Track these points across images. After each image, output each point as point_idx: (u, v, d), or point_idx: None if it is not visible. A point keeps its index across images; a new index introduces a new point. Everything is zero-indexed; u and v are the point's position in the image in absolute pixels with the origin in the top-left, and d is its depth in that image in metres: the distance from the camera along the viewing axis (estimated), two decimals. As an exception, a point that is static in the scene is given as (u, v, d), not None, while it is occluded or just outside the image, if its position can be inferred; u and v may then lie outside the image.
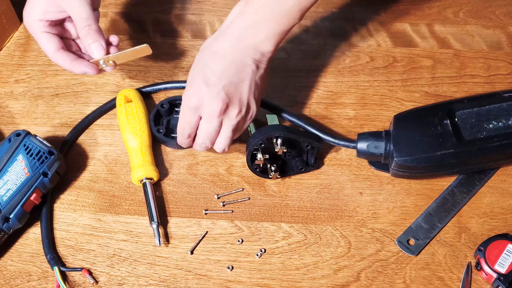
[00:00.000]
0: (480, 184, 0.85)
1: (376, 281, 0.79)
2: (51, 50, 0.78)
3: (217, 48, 0.77)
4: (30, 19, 0.77)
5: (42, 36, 0.78)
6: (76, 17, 0.76)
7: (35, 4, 0.77)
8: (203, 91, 0.76)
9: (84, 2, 0.76)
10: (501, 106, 0.83)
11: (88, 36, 0.77)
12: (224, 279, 0.79)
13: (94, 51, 0.78)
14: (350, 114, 0.92)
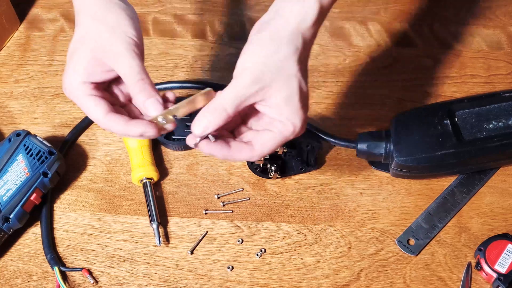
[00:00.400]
0: (480, 184, 0.85)
1: (376, 281, 0.79)
2: (101, 114, 0.65)
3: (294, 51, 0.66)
4: (73, 83, 0.66)
5: (89, 100, 0.66)
6: (127, 72, 0.65)
7: (76, 66, 0.66)
8: (306, 117, 0.68)
9: (134, 55, 0.66)
10: (501, 106, 0.83)
11: (143, 92, 0.65)
12: (224, 279, 0.79)
13: (150, 108, 0.65)
14: (350, 114, 0.92)
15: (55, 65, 0.98)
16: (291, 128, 0.66)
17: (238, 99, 0.64)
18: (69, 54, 0.68)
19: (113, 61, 0.66)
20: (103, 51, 0.66)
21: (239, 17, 1.03)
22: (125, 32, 0.66)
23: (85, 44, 0.67)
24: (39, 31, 1.02)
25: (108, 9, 0.67)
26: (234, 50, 0.99)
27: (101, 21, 0.67)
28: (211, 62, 0.98)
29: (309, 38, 0.66)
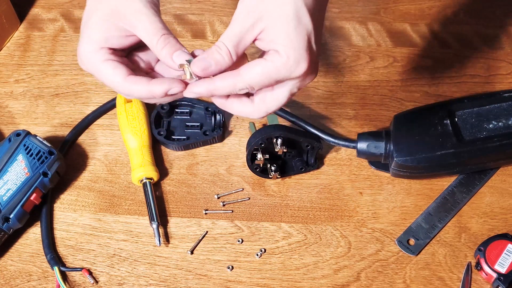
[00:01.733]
0: (480, 184, 0.85)
1: (376, 281, 0.79)
2: (121, 77, 0.60)
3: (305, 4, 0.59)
4: (88, 50, 0.60)
5: (107, 65, 0.60)
6: (149, 29, 0.60)
7: (91, 32, 0.60)
8: (313, 53, 0.60)
9: (154, 12, 0.60)
10: (501, 106, 0.83)
11: (169, 45, 0.59)
12: (224, 279, 0.79)
13: (178, 59, 0.60)
14: (350, 114, 0.92)
15: (55, 65, 0.98)
16: (283, 59, 0.58)
17: (235, 33, 0.59)
18: (83, 23, 0.62)
19: (131, 21, 0.60)
20: (119, 13, 0.60)
21: (239, 17, 1.03)
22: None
23: (99, 9, 0.61)
24: (39, 31, 1.02)
25: None
26: (234, 50, 0.99)
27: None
28: (211, 62, 0.97)
29: None
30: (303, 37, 0.58)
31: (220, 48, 0.59)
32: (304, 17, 0.58)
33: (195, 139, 0.88)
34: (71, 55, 0.99)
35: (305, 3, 0.58)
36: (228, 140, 0.90)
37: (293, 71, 0.59)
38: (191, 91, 0.60)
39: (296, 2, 0.58)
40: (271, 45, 0.59)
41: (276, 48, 0.58)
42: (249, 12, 0.58)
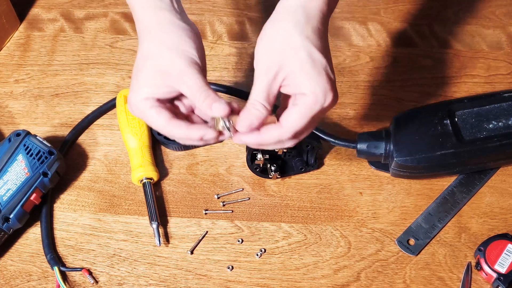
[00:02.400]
0: (480, 184, 0.85)
1: (376, 281, 0.79)
2: (164, 121, 0.67)
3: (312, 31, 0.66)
4: (137, 99, 0.68)
5: (152, 112, 0.68)
6: (192, 88, 0.67)
7: (141, 85, 0.68)
8: (332, 77, 0.66)
9: (196, 72, 0.67)
10: (501, 106, 0.83)
11: (209, 98, 0.66)
12: (224, 279, 0.79)
13: (216, 108, 0.66)
14: (350, 114, 0.92)
15: (55, 65, 0.98)
16: (311, 97, 0.65)
17: (263, 89, 0.66)
18: (134, 72, 0.70)
19: (175, 79, 0.68)
20: (165, 72, 0.68)
21: (239, 17, 1.03)
22: (185, 51, 0.68)
23: (148, 64, 0.69)
24: (39, 31, 1.02)
25: (168, 30, 0.69)
26: (234, 50, 0.99)
27: (162, 42, 0.68)
28: (211, 62, 0.98)
29: (314, 8, 0.66)
30: (321, 72, 0.65)
31: (255, 105, 0.66)
32: (315, 55, 0.65)
33: None
34: (71, 55, 0.99)
35: (313, 44, 0.65)
36: (228, 140, 0.90)
37: (324, 104, 0.65)
38: (240, 139, 0.68)
39: (306, 46, 0.65)
40: (297, 89, 0.66)
41: (302, 91, 0.65)
42: (268, 67, 0.65)
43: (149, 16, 0.70)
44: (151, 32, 0.70)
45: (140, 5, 0.71)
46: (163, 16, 0.70)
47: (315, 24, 0.66)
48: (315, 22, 0.67)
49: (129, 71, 0.97)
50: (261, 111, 0.66)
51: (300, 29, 0.65)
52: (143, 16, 0.71)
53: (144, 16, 0.71)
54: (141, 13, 0.71)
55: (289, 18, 0.66)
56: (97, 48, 1.00)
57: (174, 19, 0.70)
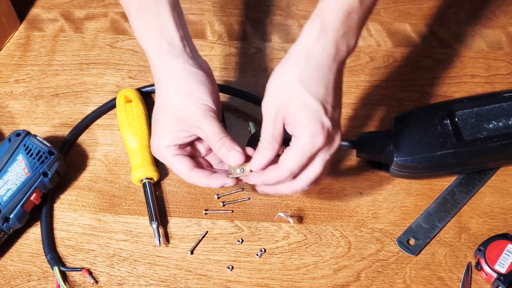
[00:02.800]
0: (480, 184, 0.85)
1: (376, 281, 0.79)
2: (185, 171, 0.74)
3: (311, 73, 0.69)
4: (159, 146, 0.74)
5: (174, 160, 0.74)
6: (208, 134, 0.73)
7: (162, 132, 0.74)
8: (327, 125, 0.68)
9: (212, 119, 0.72)
10: (501, 106, 0.83)
11: (224, 147, 0.72)
12: (224, 279, 0.79)
13: (231, 158, 0.72)
14: (350, 114, 0.92)
15: (55, 65, 0.98)
16: (303, 138, 0.68)
17: (270, 128, 0.71)
18: (154, 120, 0.75)
19: (193, 127, 0.73)
20: (185, 120, 0.73)
21: (239, 17, 1.03)
22: (199, 99, 0.73)
23: (167, 112, 0.74)
24: (39, 31, 1.02)
25: (182, 79, 0.73)
26: (234, 50, 0.99)
27: (176, 91, 0.73)
28: (211, 62, 0.97)
29: (319, 54, 0.68)
30: (312, 116, 0.68)
31: (264, 145, 0.71)
32: (308, 100, 0.68)
33: None
34: (71, 55, 0.99)
35: (307, 90, 0.68)
36: (228, 140, 0.90)
37: (314, 145, 0.68)
38: (249, 179, 0.73)
39: (299, 92, 0.68)
40: (293, 130, 0.69)
41: (296, 134, 0.69)
42: (270, 108, 0.70)
43: (164, 64, 0.74)
44: (166, 82, 0.74)
45: (154, 52, 0.75)
46: (176, 65, 0.74)
47: (314, 71, 0.68)
48: (317, 68, 0.68)
49: (129, 71, 0.97)
50: (271, 151, 0.71)
51: (298, 75, 0.68)
52: (158, 64, 0.75)
53: (159, 64, 0.75)
54: (155, 60, 0.75)
55: (293, 63, 0.69)
56: (97, 48, 1.00)
57: (187, 66, 0.74)
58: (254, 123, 0.89)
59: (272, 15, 1.03)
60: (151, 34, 0.76)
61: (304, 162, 0.70)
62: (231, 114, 0.92)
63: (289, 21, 1.02)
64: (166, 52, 0.74)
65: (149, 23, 0.76)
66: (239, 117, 0.92)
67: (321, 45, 0.68)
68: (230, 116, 0.92)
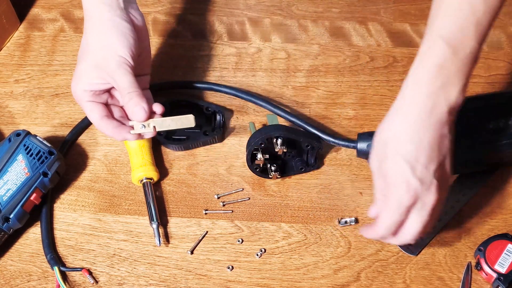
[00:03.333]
0: (480, 184, 0.85)
1: (376, 281, 0.79)
2: (95, 118, 0.78)
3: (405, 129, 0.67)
4: (76, 89, 0.78)
5: (87, 105, 0.78)
6: (120, 86, 0.76)
7: (80, 76, 0.77)
8: (414, 184, 0.67)
9: (126, 72, 0.76)
10: (501, 106, 0.83)
11: (131, 101, 0.76)
12: (224, 279, 0.79)
13: (136, 113, 0.76)
14: (350, 114, 0.92)
15: (55, 65, 0.98)
16: (391, 199, 0.69)
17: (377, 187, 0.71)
18: (78, 60, 0.79)
19: (107, 76, 0.77)
20: (100, 68, 0.77)
21: (239, 17, 1.03)
22: (116, 51, 0.76)
23: (87, 56, 0.78)
24: (39, 31, 1.02)
25: (106, 28, 0.77)
26: (234, 50, 0.99)
27: (99, 40, 0.77)
28: (211, 62, 0.98)
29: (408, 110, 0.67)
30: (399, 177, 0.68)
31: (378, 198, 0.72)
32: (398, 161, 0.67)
33: (195, 139, 0.88)
34: (71, 55, 0.99)
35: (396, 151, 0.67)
36: (228, 140, 0.90)
37: (401, 205, 0.68)
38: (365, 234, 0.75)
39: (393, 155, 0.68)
40: None
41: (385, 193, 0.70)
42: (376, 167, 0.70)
43: (92, 9, 0.78)
44: (92, 27, 0.78)
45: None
46: (101, 14, 0.77)
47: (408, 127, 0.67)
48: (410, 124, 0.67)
49: (129, 71, 0.97)
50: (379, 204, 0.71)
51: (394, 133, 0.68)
52: (87, 6, 0.79)
53: (87, 7, 0.78)
54: (85, 4, 0.79)
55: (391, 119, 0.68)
56: (97, 48, 1.00)
57: (113, 16, 0.77)
58: (254, 123, 0.89)
59: (272, 15, 1.03)
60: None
61: (395, 219, 0.69)
62: (231, 114, 0.92)
63: (289, 21, 1.02)
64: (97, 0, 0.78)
65: None
66: (239, 117, 0.92)
67: (412, 100, 0.67)
68: (230, 116, 0.92)
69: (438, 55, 0.65)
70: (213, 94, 0.94)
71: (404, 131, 0.67)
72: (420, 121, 0.66)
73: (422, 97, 0.66)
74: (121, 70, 0.76)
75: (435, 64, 0.65)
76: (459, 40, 0.65)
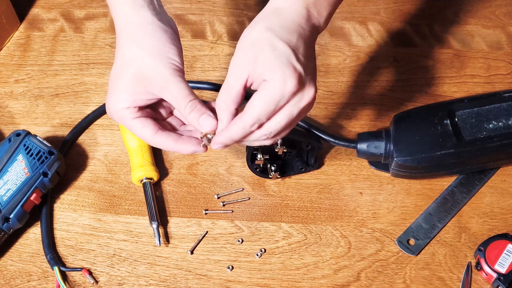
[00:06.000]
0: (480, 184, 0.85)
1: (376, 281, 0.79)
2: (149, 134, 0.68)
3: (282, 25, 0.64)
4: (117, 109, 0.68)
5: (135, 123, 0.68)
6: (177, 96, 0.67)
7: (121, 93, 0.68)
8: (299, 70, 0.63)
9: (181, 79, 0.67)
10: (501, 106, 0.83)
11: (195, 110, 0.66)
12: (224, 279, 0.79)
13: (205, 123, 0.67)
14: (350, 114, 0.92)
15: (55, 65, 0.98)
16: (272, 82, 0.63)
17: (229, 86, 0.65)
18: (112, 78, 0.69)
19: (159, 88, 0.67)
20: (147, 79, 0.67)
21: (239, 17, 1.03)
22: (168, 59, 0.67)
23: (128, 70, 0.67)
24: (39, 31, 1.02)
25: (149, 34, 0.68)
26: (234, 50, 0.99)
27: (143, 48, 0.67)
28: (211, 62, 0.98)
29: (286, 12, 0.65)
30: (282, 59, 0.63)
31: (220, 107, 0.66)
32: (278, 44, 0.63)
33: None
34: (71, 55, 0.99)
35: (277, 36, 0.63)
36: (228, 140, 0.90)
37: (284, 90, 0.63)
38: (215, 143, 0.67)
39: (269, 38, 0.63)
40: (260, 78, 0.63)
41: (264, 78, 0.63)
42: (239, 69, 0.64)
43: (128, 15, 0.69)
44: (131, 35, 0.68)
45: (119, 2, 0.70)
46: (143, 16, 0.68)
47: (285, 22, 0.64)
48: (288, 21, 0.65)
49: (129, 71, 0.97)
50: (225, 111, 0.66)
51: (268, 25, 0.64)
52: (122, 14, 0.69)
53: (123, 14, 0.69)
54: (120, 11, 0.69)
55: (260, 18, 0.66)
56: (97, 48, 1.00)
57: (155, 19, 0.68)
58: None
59: (272, 15, 1.03)
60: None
61: (272, 108, 0.63)
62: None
63: (289, 21, 1.02)
64: (133, 3, 0.68)
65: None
66: (239, 117, 0.92)
67: (291, 4, 0.65)
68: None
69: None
70: (213, 94, 0.94)
71: (282, 24, 0.64)
72: (298, 22, 0.65)
73: (299, 5, 0.65)
74: (176, 78, 0.67)
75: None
76: None
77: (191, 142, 0.69)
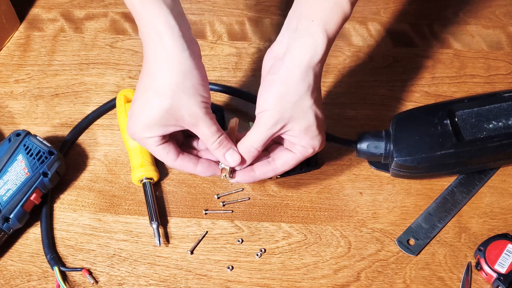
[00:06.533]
0: (480, 184, 0.85)
1: (376, 281, 0.79)
2: (172, 160, 0.73)
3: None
4: (143, 136, 0.71)
5: (159, 150, 0.72)
6: (206, 134, 0.71)
7: (151, 125, 0.69)
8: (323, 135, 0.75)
9: (211, 117, 0.70)
10: (501, 106, 0.83)
11: (222, 146, 0.72)
12: (224, 279, 0.79)
13: (230, 159, 0.73)
14: (350, 114, 0.92)
15: (55, 65, 0.98)
16: (310, 150, 0.74)
17: (264, 139, 0.72)
18: (141, 105, 0.70)
19: (191, 124, 0.70)
20: (178, 114, 0.69)
21: (239, 17, 1.03)
22: (201, 97, 0.69)
23: (162, 104, 0.68)
24: (39, 31, 1.02)
25: (187, 74, 0.68)
26: (234, 50, 0.99)
27: (182, 88, 0.68)
28: (211, 62, 0.98)
29: (318, 71, 0.71)
30: (322, 129, 0.74)
31: (253, 152, 0.74)
32: (319, 114, 0.72)
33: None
34: (71, 55, 0.99)
35: (317, 106, 0.71)
36: (228, 140, 0.90)
37: (314, 151, 0.75)
38: (237, 180, 0.76)
39: (312, 108, 0.71)
40: (298, 141, 0.73)
41: (303, 145, 0.73)
42: (276, 121, 0.71)
43: (165, 41, 0.67)
44: (168, 68, 0.67)
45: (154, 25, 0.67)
46: (181, 51, 0.67)
47: (318, 85, 0.72)
48: (319, 82, 0.72)
49: (129, 71, 0.97)
50: (252, 156, 0.74)
51: (310, 92, 0.70)
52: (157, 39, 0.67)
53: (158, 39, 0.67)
54: (147, 20, 0.67)
55: (301, 80, 0.69)
56: (97, 48, 1.00)
57: (189, 57, 0.68)
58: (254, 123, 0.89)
59: (272, 15, 1.03)
60: None
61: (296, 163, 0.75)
62: (231, 114, 0.92)
63: (289, 21, 1.02)
64: (171, 30, 0.67)
65: None
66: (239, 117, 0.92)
67: (322, 63, 0.72)
68: (230, 116, 0.92)
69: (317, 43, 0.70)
70: (213, 94, 0.94)
71: (318, 92, 0.72)
72: (315, 82, 0.71)
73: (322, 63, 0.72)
74: (207, 116, 0.70)
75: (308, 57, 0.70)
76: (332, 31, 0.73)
77: (211, 167, 0.74)
